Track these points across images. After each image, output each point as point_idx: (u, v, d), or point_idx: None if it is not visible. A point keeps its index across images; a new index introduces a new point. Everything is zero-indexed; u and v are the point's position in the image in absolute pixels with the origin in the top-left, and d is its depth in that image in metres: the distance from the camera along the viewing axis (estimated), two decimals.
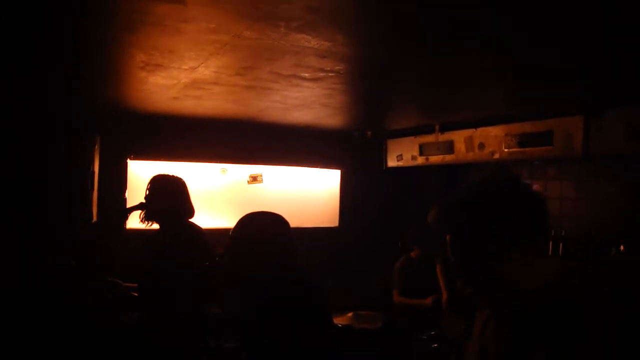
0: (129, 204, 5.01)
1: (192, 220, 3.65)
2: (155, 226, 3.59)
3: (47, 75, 3.66)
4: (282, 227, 2.66)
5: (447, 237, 1.58)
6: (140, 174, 5.36)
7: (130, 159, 5.34)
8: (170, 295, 3.30)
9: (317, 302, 2.51)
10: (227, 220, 5.94)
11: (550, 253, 4.65)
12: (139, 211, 3.62)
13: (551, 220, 1.55)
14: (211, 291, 3.50)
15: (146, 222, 3.59)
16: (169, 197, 3.55)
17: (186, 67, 3.20)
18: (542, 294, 1.50)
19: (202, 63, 3.09)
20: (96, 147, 4.84)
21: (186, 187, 3.63)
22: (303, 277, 2.58)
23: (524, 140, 4.74)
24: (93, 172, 4.73)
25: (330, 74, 3.33)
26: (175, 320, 3.30)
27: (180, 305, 3.31)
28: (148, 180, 3.63)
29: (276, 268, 2.51)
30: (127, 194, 5.23)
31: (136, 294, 3.65)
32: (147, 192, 3.55)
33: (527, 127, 4.70)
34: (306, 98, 4.12)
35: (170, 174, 3.65)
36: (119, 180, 5.24)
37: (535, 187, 3.68)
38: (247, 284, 2.56)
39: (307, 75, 3.36)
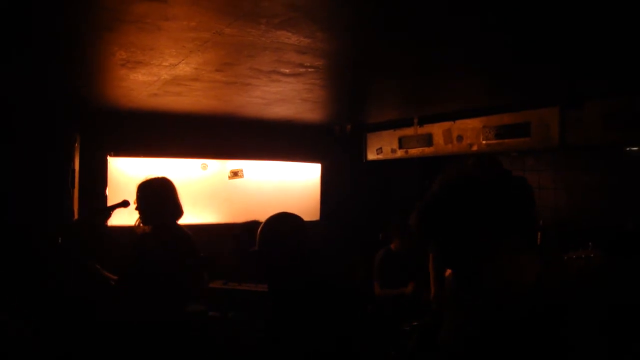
0: (110, 201, 5.00)
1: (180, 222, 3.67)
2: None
3: (26, 73, 3.63)
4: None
5: (431, 244, 1.56)
6: (121, 170, 5.34)
7: (111, 156, 5.31)
8: (156, 292, 3.31)
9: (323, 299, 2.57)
10: (208, 215, 5.95)
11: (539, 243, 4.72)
12: (121, 209, 3.62)
13: (537, 210, 1.54)
14: (196, 289, 3.53)
15: (140, 227, 3.59)
16: (158, 201, 3.55)
17: (167, 64, 3.21)
18: (529, 293, 1.51)
19: (182, 60, 3.10)
20: (76, 144, 4.81)
21: (174, 188, 3.64)
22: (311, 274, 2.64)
23: (501, 132, 4.81)
24: (74, 170, 4.71)
25: (310, 70, 3.35)
26: (160, 315, 3.32)
27: (166, 301, 3.32)
28: (132, 178, 3.63)
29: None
30: (107, 191, 5.20)
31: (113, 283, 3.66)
32: (137, 199, 3.55)
33: (505, 118, 4.78)
34: (286, 93, 4.14)
35: (158, 176, 3.65)
36: (100, 178, 5.21)
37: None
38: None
39: (287, 70, 3.38)
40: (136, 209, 3.56)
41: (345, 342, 2.51)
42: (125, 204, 3.68)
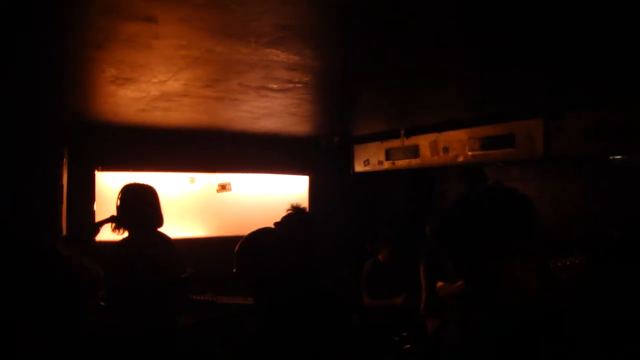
0: (98, 216, 4.98)
1: (160, 229, 3.66)
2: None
3: (14, 88, 3.63)
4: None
5: (447, 252, 1.61)
6: (108, 185, 5.33)
7: (98, 171, 5.30)
8: (139, 302, 3.31)
9: (325, 309, 2.58)
10: (196, 229, 5.95)
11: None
12: (110, 224, 3.61)
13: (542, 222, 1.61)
14: (183, 301, 3.52)
15: (117, 231, 3.57)
16: (140, 205, 3.54)
17: (156, 81, 3.23)
18: (534, 301, 1.57)
19: (172, 76, 3.12)
20: (64, 159, 4.80)
21: (157, 196, 3.62)
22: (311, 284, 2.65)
23: (487, 143, 4.87)
24: (62, 185, 4.69)
25: (298, 85, 3.39)
26: (144, 327, 3.31)
27: (153, 311, 3.32)
28: (117, 191, 3.61)
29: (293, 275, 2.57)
30: (95, 206, 5.19)
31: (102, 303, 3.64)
32: (118, 201, 3.54)
33: (490, 130, 4.83)
34: (274, 108, 4.18)
35: (141, 182, 3.64)
36: (88, 193, 5.20)
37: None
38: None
39: (275, 86, 3.42)
40: (116, 215, 3.53)
41: (340, 351, 2.54)
42: (114, 219, 3.67)
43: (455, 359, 1.75)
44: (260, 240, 2.64)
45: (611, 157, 4.61)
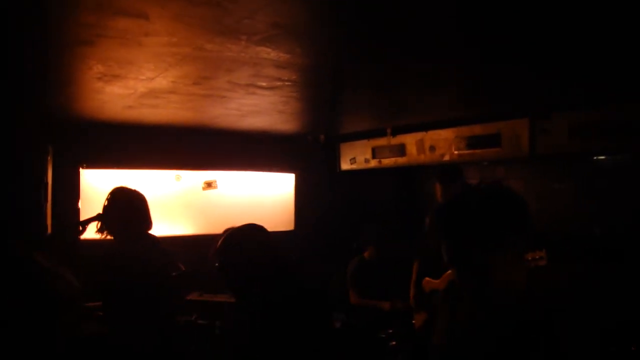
0: (83, 215, 4.93)
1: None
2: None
3: None
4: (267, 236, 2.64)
5: (444, 244, 1.64)
6: (93, 183, 5.28)
7: (83, 168, 5.25)
8: (140, 308, 3.28)
9: (315, 307, 2.56)
10: (182, 227, 5.91)
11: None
12: (96, 222, 3.58)
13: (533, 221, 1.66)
14: (179, 300, 3.50)
15: (102, 234, 3.54)
16: (131, 209, 3.51)
17: (144, 78, 3.20)
18: (524, 296, 1.61)
19: (160, 73, 3.10)
20: (49, 157, 4.74)
21: (146, 202, 3.60)
22: (300, 282, 2.63)
23: (473, 143, 4.91)
24: (46, 183, 4.63)
25: (287, 83, 3.39)
26: (147, 332, 3.28)
27: (150, 316, 3.29)
28: (105, 191, 3.57)
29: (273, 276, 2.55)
30: (80, 204, 5.14)
31: (100, 313, 3.60)
32: (107, 203, 3.50)
33: (476, 129, 4.87)
34: (262, 105, 4.17)
35: (131, 187, 3.61)
36: (72, 191, 5.14)
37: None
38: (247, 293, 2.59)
39: (264, 84, 3.41)
40: (103, 216, 3.48)
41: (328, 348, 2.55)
42: (100, 217, 3.63)
43: (444, 356, 1.76)
44: (249, 237, 2.61)
45: (595, 157, 4.68)
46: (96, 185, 5.25)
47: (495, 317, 1.62)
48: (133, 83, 3.35)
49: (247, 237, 2.58)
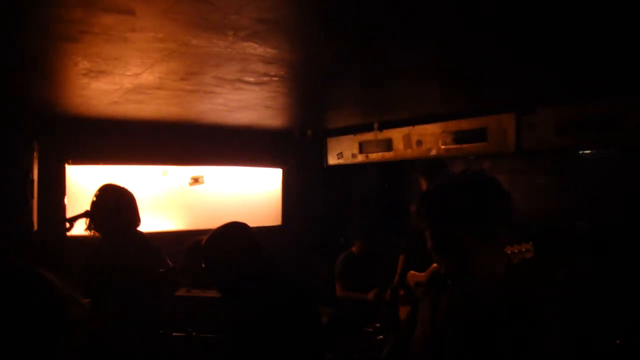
0: (69, 211, 4.91)
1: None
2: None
3: None
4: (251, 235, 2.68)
5: (428, 231, 1.65)
6: (79, 179, 5.25)
7: (69, 164, 5.21)
8: (129, 304, 3.27)
9: (302, 306, 2.59)
10: (168, 222, 5.90)
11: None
12: (84, 219, 3.56)
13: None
14: (166, 297, 3.49)
15: (90, 231, 3.53)
16: (119, 207, 3.50)
17: (130, 73, 3.19)
18: (510, 286, 1.64)
19: (146, 69, 3.08)
20: (35, 153, 4.70)
21: (135, 199, 3.59)
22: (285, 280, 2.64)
23: (459, 137, 4.94)
24: (32, 180, 4.60)
25: (274, 78, 3.38)
26: (136, 328, 3.28)
27: (139, 313, 3.29)
28: (91, 187, 3.57)
29: (256, 276, 2.56)
30: (66, 200, 5.11)
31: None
32: (95, 200, 3.48)
33: (463, 124, 4.90)
34: (249, 101, 4.16)
35: (119, 184, 3.60)
36: (58, 187, 5.11)
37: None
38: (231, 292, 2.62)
39: (251, 79, 3.40)
40: (91, 213, 3.47)
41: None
42: (88, 214, 3.61)
43: (426, 347, 1.78)
44: (232, 237, 2.60)
45: (580, 152, 4.72)
46: (82, 181, 5.22)
47: (475, 304, 1.65)
48: (119, 79, 3.33)
49: (229, 237, 2.60)
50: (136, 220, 3.57)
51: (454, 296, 1.73)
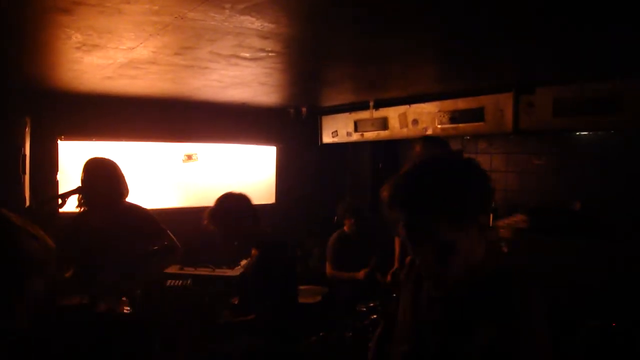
0: (61, 187, 4.87)
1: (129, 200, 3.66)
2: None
3: None
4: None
5: (402, 221, 1.55)
6: (71, 155, 5.20)
7: (61, 140, 5.16)
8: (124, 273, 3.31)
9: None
10: (161, 200, 5.87)
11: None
12: (77, 195, 3.54)
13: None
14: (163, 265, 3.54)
15: (81, 208, 3.54)
16: (106, 179, 3.52)
17: (124, 47, 3.13)
18: (492, 271, 1.57)
19: (141, 43, 3.02)
20: (27, 128, 4.64)
21: (118, 168, 3.60)
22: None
23: (456, 117, 4.90)
24: (24, 155, 4.55)
25: (270, 54, 3.33)
26: (130, 296, 3.30)
27: (135, 281, 3.33)
28: (81, 160, 3.57)
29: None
30: (58, 177, 5.06)
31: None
32: (83, 176, 3.48)
33: (460, 103, 4.85)
34: (244, 77, 4.11)
35: (103, 157, 3.60)
36: (50, 163, 5.06)
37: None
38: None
39: (247, 55, 3.35)
40: (82, 189, 3.50)
41: None
42: (80, 190, 3.59)
43: (405, 331, 1.75)
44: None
45: (578, 133, 4.70)
46: (74, 157, 5.17)
47: (451, 291, 1.59)
48: (113, 53, 3.27)
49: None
50: (121, 190, 3.63)
51: (431, 284, 1.65)
